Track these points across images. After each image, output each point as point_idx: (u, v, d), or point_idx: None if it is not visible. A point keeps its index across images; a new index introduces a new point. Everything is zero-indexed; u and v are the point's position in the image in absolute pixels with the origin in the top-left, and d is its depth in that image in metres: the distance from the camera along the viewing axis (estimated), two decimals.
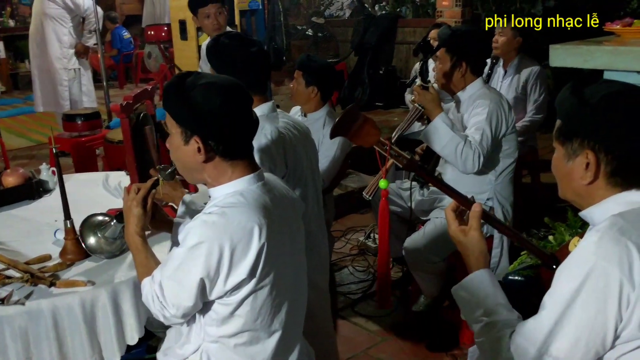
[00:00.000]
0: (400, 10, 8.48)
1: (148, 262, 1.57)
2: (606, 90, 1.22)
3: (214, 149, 1.44)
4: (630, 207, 1.21)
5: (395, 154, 1.51)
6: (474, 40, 2.60)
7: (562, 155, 1.28)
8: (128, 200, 1.64)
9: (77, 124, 3.94)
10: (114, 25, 8.82)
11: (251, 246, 1.40)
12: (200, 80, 1.43)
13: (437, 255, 2.59)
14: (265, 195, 1.49)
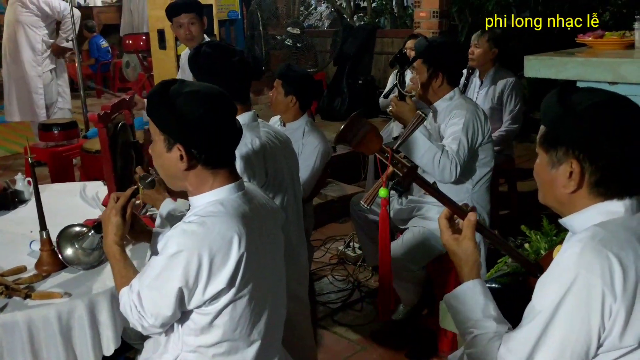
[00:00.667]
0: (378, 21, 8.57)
1: (126, 272, 1.56)
2: (593, 100, 1.21)
3: (197, 157, 1.44)
4: (611, 216, 1.22)
5: (396, 162, 1.52)
6: (450, 52, 2.64)
7: (545, 162, 1.27)
8: (107, 209, 1.63)
9: (53, 133, 3.89)
10: (92, 34, 8.75)
11: (230, 255, 1.40)
12: (184, 88, 1.44)
13: (415, 263, 2.61)
14: (246, 205, 1.50)
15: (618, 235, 1.18)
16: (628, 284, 1.13)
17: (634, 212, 1.23)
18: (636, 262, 1.14)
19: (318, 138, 2.91)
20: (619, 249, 1.15)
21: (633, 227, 1.20)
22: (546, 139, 1.26)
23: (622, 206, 1.22)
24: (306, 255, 2.44)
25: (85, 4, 9.48)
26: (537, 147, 1.30)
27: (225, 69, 2.04)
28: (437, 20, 5.32)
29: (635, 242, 1.17)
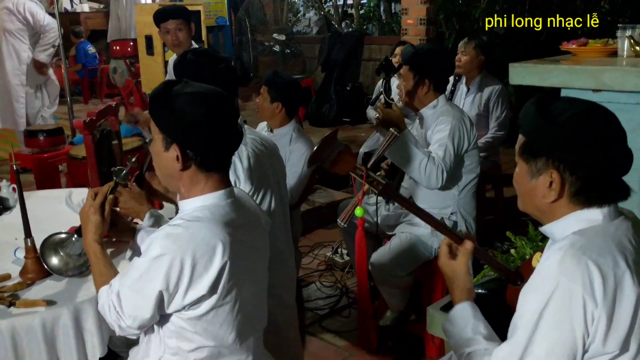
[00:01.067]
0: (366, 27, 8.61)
1: (106, 271, 1.56)
2: (572, 110, 1.22)
3: (192, 159, 1.45)
4: (590, 224, 1.24)
5: (372, 180, 1.54)
6: (436, 59, 2.66)
7: (525, 171, 1.28)
8: (85, 206, 1.62)
9: (39, 139, 3.86)
10: (79, 40, 8.70)
11: (213, 262, 1.40)
12: (186, 88, 1.44)
13: (402, 269, 2.62)
14: (233, 213, 1.49)
15: (597, 243, 1.20)
16: (608, 290, 1.15)
17: (612, 218, 1.25)
18: (615, 269, 1.16)
19: (305, 144, 2.91)
20: (598, 255, 1.17)
21: (611, 234, 1.22)
22: (526, 149, 1.28)
23: (600, 214, 1.24)
24: (294, 262, 2.44)
25: (73, 10, 9.43)
26: (517, 157, 1.31)
27: (211, 76, 2.03)
28: (425, 28, 5.38)
29: (614, 248, 1.19)
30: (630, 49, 2.19)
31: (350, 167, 1.57)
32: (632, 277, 1.17)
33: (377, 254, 2.66)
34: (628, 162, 1.25)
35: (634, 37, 2.17)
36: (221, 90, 1.51)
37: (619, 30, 2.25)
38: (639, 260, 1.21)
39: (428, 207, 2.59)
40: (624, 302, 1.16)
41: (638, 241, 1.25)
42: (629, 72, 1.92)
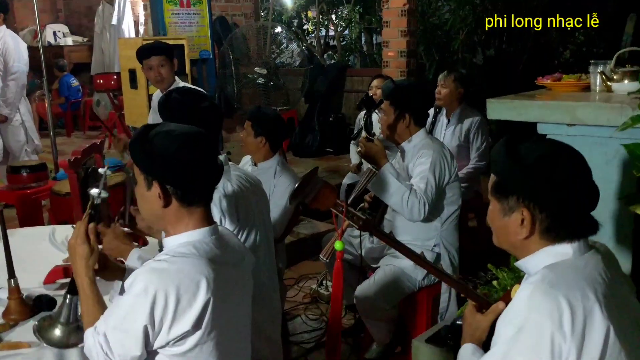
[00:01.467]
0: (348, 59, 8.75)
1: (95, 311, 1.52)
2: (540, 151, 1.28)
3: (173, 194, 1.47)
4: (561, 258, 1.29)
5: (352, 215, 1.57)
6: (416, 93, 2.72)
7: (497, 209, 1.34)
8: (71, 238, 1.59)
9: (22, 175, 3.84)
10: (62, 73, 8.72)
11: (197, 298, 1.40)
12: (163, 128, 1.49)
13: (387, 302, 2.63)
14: (218, 249, 1.51)
15: (566, 277, 1.24)
16: (576, 323, 1.18)
17: (581, 253, 1.30)
18: (584, 302, 1.20)
19: (289, 178, 2.94)
20: (567, 289, 1.21)
21: (581, 268, 1.27)
22: (497, 189, 1.34)
23: (570, 248, 1.29)
24: (278, 297, 2.45)
25: (56, 43, 9.46)
26: (489, 195, 1.37)
27: (196, 114, 2.07)
28: (405, 60, 5.47)
29: (583, 282, 1.23)
30: (602, 84, 2.26)
31: (331, 203, 1.60)
32: (602, 310, 1.20)
33: (362, 287, 2.68)
34: (595, 199, 1.31)
35: (605, 72, 2.25)
36: (199, 128, 1.54)
37: (591, 66, 2.33)
38: (610, 293, 1.25)
39: (411, 239, 2.64)
40: (594, 335, 1.19)
41: (608, 274, 1.29)
42: (601, 108, 1.99)
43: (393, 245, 1.60)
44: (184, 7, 6.35)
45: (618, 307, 1.25)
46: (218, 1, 7.24)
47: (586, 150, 2.09)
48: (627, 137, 1.87)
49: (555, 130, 2.17)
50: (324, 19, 8.93)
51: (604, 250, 1.39)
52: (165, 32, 6.20)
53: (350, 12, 8.32)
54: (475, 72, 6.49)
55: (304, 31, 9.43)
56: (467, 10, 6.31)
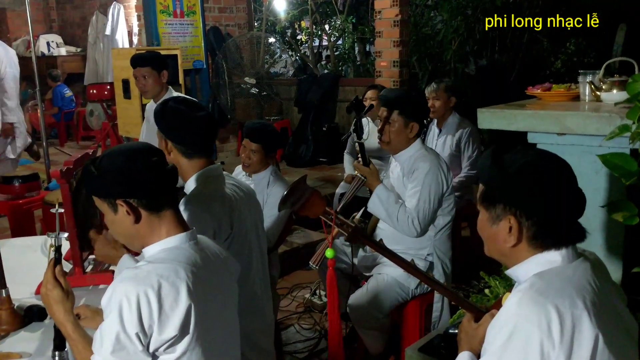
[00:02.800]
0: (341, 69, 8.78)
1: (85, 352, 1.47)
2: (524, 160, 1.31)
3: (138, 205, 1.49)
4: (549, 266, 1.30)
5: (341, 223, 1.57)
6: (424, 104, 2.76)
7: (486, 218, 1.37)
8: (41, 289, 1.58)
9: (14, 186, 3.83)
10: (56, 83, 8.71)
11: (179, 303, 1.39)
12: (105, 152, 1.53)
13: (380, 311, 2.63)
14: (197, 254, 1.52)
15: (554, 284, 1.25)
16: (565, 330, 1.19)
17: (570, 260, 1.31)
18: (572, 309, 1.21)
19: (283, 187, 2.95)
20: (555, 297, 1.22)
21: (569, 276, 1.28)
22: (485, 198, 1.37)
23: (559, 256, 1.31)
24: (271, 306, 2.44)
25: (50, 54, 9.46)
26: (478, 205, 1.40)
27: (191, 123, 2.08)
28: (398, 70, 5.49)
29: (572, 290, 1.24)
30: (591, 94, 2.29)
31: (320, 211, 1.60)
32: (590, 317, 1.21)
33: (355, 296, 2.68)
34: (581, 206, 1.33)
35: (594, 82, 2.27)
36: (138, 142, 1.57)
37: (580, 75, 2.36)
38: (599, 301, 1.25)
39: (404, 248, 2.65)
40: (583, 342, 1.20)
41: (597, 282, 1.30)
42: (590, 117, 2.01)
43: (383, 253, 1.60)
44: (178, 17, 6.38)
45: (607, 315, 1.25)
46: (211, 11, 7.26)
47: (575, 159, 2.14)
48: (615, 145, 1.89)
49: (545, 139, 2.19)
50: (317, 29, 8.97)
51: (593, 258, 1.41)
52: (159, 43, 6.22)
53: (344, 22, 8.37)
54: (467, 82, 6.53)
55: (297, 41, 9.47)
56: (459, 21, 6.36)
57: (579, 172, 2.12)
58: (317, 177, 6.10)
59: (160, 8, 6.25)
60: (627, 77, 2.25)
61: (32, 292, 2.06)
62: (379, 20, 5.53)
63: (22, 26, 9.54)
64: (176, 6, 6.36)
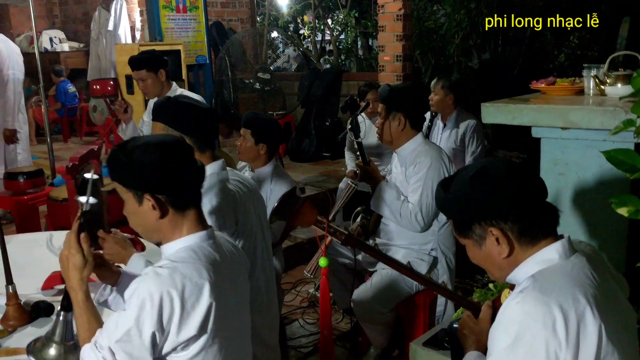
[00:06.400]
0: (344, 63, 8.77)
1: (90, 325, 1.49)
2: (469, 174, 1.35)
3: (166, 202, 1.48)
4: (548, 264, 1.30)
5: (334, 231, 1.58)
6: (409, 95, 2.74)
7: (472, 245, 1.38)
8: (63, 249, 1.52)
9: (19, 182, 3.84)
10: (59, 79, 8.71)
11: (201, 302, 1.41)
12: (137, 142, 1.49)
13: (384, 306, 2.64)
14: (216, 253, 1.52)
15: (555, 282, 1.26)
16: (570, 328, 1.20)
17: (568, 256, 1.32)
18: (575, 306, 1.21)
19: (286, 183, 2.95)
20: (558, 294, 1.22)
21: (568, 271, 1.28)
22: (459, 227, 1.39)
23: (555, 253, 1.31)
24: (276, 301, 2.45)
25: (53, 49, 9.46)
26: (459, 238, 1.42)
27: (193, 118, 2.08)
28: (401, 64, 5.48)
29: (572, 285, 1.25)
30: (595, 88, 2.28)
31: (312, 220, 1.62)
32: (592, 311, 1.21)
33: (359, 291, 2.69)
34: (541, 187, 1.36)
35: (598, 76, 2.27)
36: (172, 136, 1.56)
37: (584, 69, 2.35)
38: (599, 294, 1.26)
39: (408, 243, 2.66)
40: (588, 338, 1.20)
41: (596, 275, 1.30)
42: (594, 111, 2.00)
43: (378, 257, 1.62)
44: (180, 12, 6.38)
45: (607, 306, 1.26)
46: (214, 7, 7.26)
47: (580, 153, 2.14)
48: (619, 139, 1.89)
49: (549, 133, 2.19)
50: (320, 23, 8.95)
51: (590, 250, 1.42)
52: (162, 38, 6.22)
53: (346, 16, 8.35)
54: (470, 76, 6.51)
55: (300, 36, 9.46)
56: (462, 15, 6.34)
57: (583, 166, 2.15)
58: (320, 171, 6.10)
59: (163, 3, 6.25)
60: (632, 71, 2.25)
61: (39, 288, 2.07)
62: (382, 15, 5.51)
63: (24, 22, 9.54)
64: (179, 1, 6.36)
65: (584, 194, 2.14)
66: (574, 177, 2.16)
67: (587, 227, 2.17)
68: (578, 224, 2.18)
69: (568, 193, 2.19)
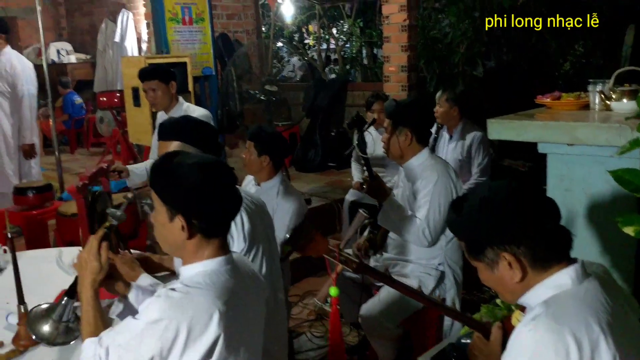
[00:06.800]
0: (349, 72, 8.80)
1: (96, 322, 1.56)
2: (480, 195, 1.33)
3: (197, 227, 1.49)
4: (560, 289, 1.29)
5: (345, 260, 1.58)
6: (415, 109, 2.75)
7: (484, 268, 1.36)
8: (84, 252, 1.62)
9: (28, 197, 3.86)
10: (66, 91, 8.77)
11: (208, 330, 1.41)
12: (186, 160, 1.49)
13: (392, 321, 2.64)
14: (232, 279, 1.52)
15: (569, 309, 1.24)
16: (584, 357, 1.18)
17: (580, 281, 1.30)
18: (589, 334, 1.20)
19: (292, 198, 2.95)
20: (571, 322, 1.21)
21: (581, 297, 1.27)
22: (471, 251, 1.37)
23: (568, 278, 1.30)
24: (285, 315, 2.46)
25: (60, 61, 9.54)
26: (471, 261, 1.40)
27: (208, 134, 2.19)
28: (406, 74, 5.50)
29: (586, 312, 1.23)
30: (601, 103, 2.29)
31: (323, 249, 1.62)
32: (607, 340, 1.20)
33: (367, 305, 2.69)
34: (554, 210, 1.33)
35: (604, 91, 2.28)
36: (218, 158, 1.58)
37: (589, 84, 2.36)
38: (613, 320, 1.25)
39: (415, 257, 2.67)
40: None
41: (609, 300, 1.29)
42: (600, 128, 2.01)
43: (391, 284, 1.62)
44: (187, 24, 6.41)
45: (621, 333, 1.25)
46: (220, 18, 7.30)
47: (586, 169, 2.15)
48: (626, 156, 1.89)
49: (555, 149, 2.20)
50: (324, 33, 8.99)
51: (602, 272, 1.40)
52: (168, 50, 6.26)
53: (351, 26, 8.38)
54: (475, 85, 6.52)
55: (304, 45, 9.50)
56: (466, 24, 6.36)
57: (590, 182, 2.16)
58: (326, 182, 6.11)
59: (169, 16, 6.28)
60: (638, 85, 2.26)
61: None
62: (387, 25, 5.54)
63: (32, 34, 9.62)
64: (185, 14, 6.39)
65: (591, 210, 2.15)
66: (580, 193, 2.17)
67: (594, 244, 2.17)
68: (585, 240, 2.18)
69: (574, 209, 2.19)
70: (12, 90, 4.75)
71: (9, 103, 4.76)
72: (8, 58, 4.75)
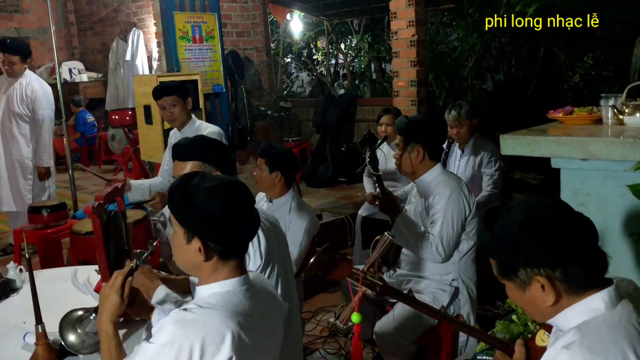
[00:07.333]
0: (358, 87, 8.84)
1: (115, 353, 1.57)
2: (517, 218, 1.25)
3: (214, 250, 1.50)
4: (593, 314, 1.24)
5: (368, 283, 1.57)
6: (427, 126, 2.76)
7: (514, 288, 1.31)
8: (107, 286, 1.65)
9: (42, 216, 3.90)
10: (78, 109, 8.88)
11: (221, 352, 1.41)
12: (204, 183, 1.50)
13: (406, 338, 2.63)
14: (248, 300, 1.52)
15: (603, 338, 1.20)
16: None
17: (614, 305, 1.25)
18: None
19: (304, 215, 2.96)
20: (607, 354, 1.17)
21: (615, 324, 1.22)
22: (502, 270, 1.32)
23: (602, 302, 1.25)
24: (300, 332, 2.46)
25: (72, 80, 9.66)
26: (500, 279, 1.34)
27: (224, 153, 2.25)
28: (415, 89, 5.51)
29: (622, 340, 1.19)
30: (614, 117, 2.29)
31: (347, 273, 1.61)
32: None
33: (381, 322, 2.69)
34: (592, 232, 1.27)
35: (616, 106, 2.28)
36: (237, 179, 1.59)
37: (602, 99, 2.36)
38: None
39: (429, 273, 2.67)
40: None
41: None
42: (613, 143, 2.01)
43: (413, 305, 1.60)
44: (197, 43, 6.49)
45: None
46: (229, 36, 7.38)
47: (600, 183, 2.14)
48: None
49: (569, 164, 2.19)
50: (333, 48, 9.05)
51: (632, 289, 1.36)
52: (179, 68, 6.33)
53: (359, 41, 8.44)
54: (485, 98, 6.53)
55: (313, 61, 9.56)
56: (475, 38, 6.38)
57: (604, 196, 2.15)
58: (336, 197, 6.12)
59: (180, 34, 6.37)
60: None
61: None
62: (396, 41, 5.57)
63: (44, 53, 9.76)
64: (195, 32, 6.47)
65: (606, 224, 2.14)
66: (594, 208, 2.16)
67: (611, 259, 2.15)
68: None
69: None
70: (32, 115, 4.79)
71: (29, 127, 4.81)
72: (29, 81, 4.78)
